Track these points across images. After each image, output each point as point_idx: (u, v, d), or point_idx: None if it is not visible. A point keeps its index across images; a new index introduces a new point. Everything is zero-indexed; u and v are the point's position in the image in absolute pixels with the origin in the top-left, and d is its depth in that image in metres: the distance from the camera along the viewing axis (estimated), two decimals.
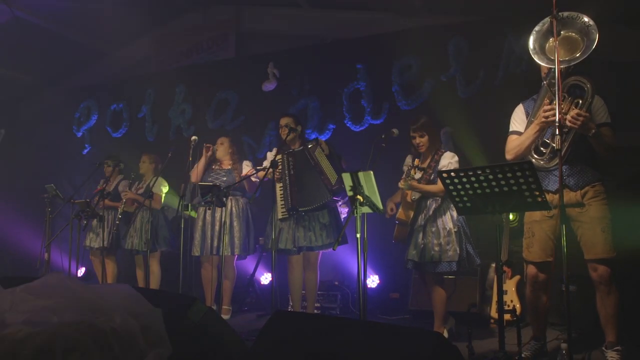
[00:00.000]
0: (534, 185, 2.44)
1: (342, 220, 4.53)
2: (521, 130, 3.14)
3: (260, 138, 6.32)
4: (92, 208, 5.14)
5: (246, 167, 4.98)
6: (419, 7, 5.73)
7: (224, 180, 4.84)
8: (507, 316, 3.83)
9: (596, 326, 3.21)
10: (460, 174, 2.55)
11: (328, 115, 6.02)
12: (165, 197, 5.47)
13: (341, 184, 4.05)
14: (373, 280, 5.27)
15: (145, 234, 5.22)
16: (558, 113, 2.60)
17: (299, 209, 4.21)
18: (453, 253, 3.60)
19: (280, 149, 4.42)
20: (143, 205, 5.17)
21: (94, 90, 7.77)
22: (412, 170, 3.55)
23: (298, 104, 6.16)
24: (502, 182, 2.46)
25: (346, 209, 5.00)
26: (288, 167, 4.30)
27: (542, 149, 3.02)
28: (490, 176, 2.47)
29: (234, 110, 6.57)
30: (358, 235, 2.97)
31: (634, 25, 4.56)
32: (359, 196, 2.98)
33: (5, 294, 1.73)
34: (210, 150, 4.93)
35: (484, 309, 4.39)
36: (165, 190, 5.44)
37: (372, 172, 3.04)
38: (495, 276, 2.60)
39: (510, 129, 3.24)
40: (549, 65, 2.81)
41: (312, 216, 4.25)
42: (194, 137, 4.75)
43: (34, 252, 6.44)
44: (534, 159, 3.01)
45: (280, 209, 4.26)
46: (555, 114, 2.62)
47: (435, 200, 3.74)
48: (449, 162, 3.69)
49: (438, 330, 3.74)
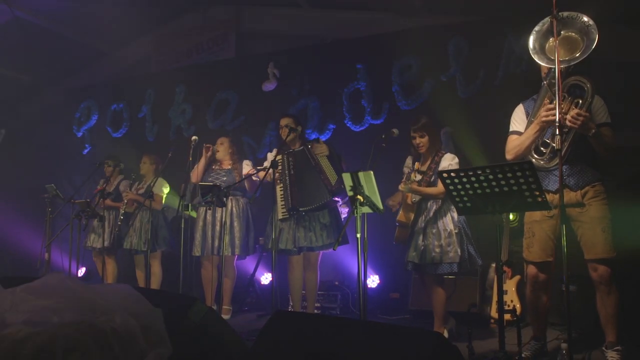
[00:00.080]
0: (534, 185, 2.44)
1: (343, 221, 4.53)
2: (521, 130, 3.14)
3: (261, 138, 6.32)
4: (93, 208, 5.14)
5: (246, 167, 4.98)
6: (419, 7, 5.73)
7: (224, 180, 4.84)
8: (507, 316, 3.83)
9: (596, 326, 3.21)
10: (460, 174, 2.55)
11: (328, 115, 6.02)
12: (166, 198, 5.47)
13: (341, 185, 4.05)
14: (373, 280, 5.27)
15: (145, 234, 5.23)
16: (558, 113, 2.60)
17: (300, 208, 4.21)
18: (454, 254, 3.61)
19: (281, 149, 4.42)
20: (143, 206, 5.17)
21: (94, 90, 7.77)
22: (413, 174, 3.55)
23: (298, 104, 6.16)
24: (502, 182, 2.46)
25: (346, 209, 5.00)
26: (288, 167, 4.31)
27: (542, 148, 3.02)
28: (490, 176, 2.47)
29: (234, 110, 6.57)
30: (358, 235, 2.98)
31: (634, 25, 4.56)
32: (359, 196, 2.99)
33: (5, 294, 1.73)
34: (210, 151, 4.92)
35: (484, 309, 4.39)
36: (166, 191, 5.45)
37: (372, 172, 3.04)
38: (496, 276, 2.60)
39: (510, 129, 3.24)
40: (549, 65, 2.81)
41: (313, 216, 4.25)
42: (194, 137, 4.75)
43: (34, 252, 6.44)
44: (534, 159, 3.01)
45: (281, 209, 4.26)
46: (555, 114, 2.62)
47: (436, 202, 3.74)
48: (449, 164, 3.69)
49: (438, 331, 3.74)
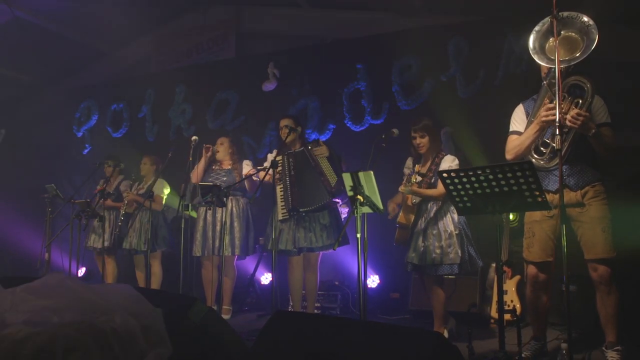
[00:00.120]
0: (534, 185, 2.44)
1: (343, 221, 4.53)
2: (521, 130, 3.14)
3: (261, 138, 6.32)
4: (93, 208, 5.14)
5: (246, 167, 4.98)
6: (419, 7, 5.73)
7: (224, 180, 4.84)
8: (507, 316, 3.83)
9: (596, 326, 3.21)
10: (461, 174, 2.55)
11: (328, 115, 6.02)
12: (167, 199, 5.48)
13: (341, 186, 4.05)
14: (373, 280, 5.27)
15: (145, 234, 5.22)
16: (558, 113, 2.60)
17: (300, 209, 4.21)
18: (454, 255, 3.61)
19: (281, 150, 4.42)
20: (143, 206, 5.17)
21: (94, 90, 7.77)
22: (413, 176, 3.55)
23: (298, 104, 6.16)
24: (502, 182, 2.46)
25: (347, 209, 5.00)
26: (289, 168, 4.30)
27: (542, 148, 3.02)
28: (490, 176, 2.46)
29: (234, 110, 6.57)
30: (358, 235, 2.98)
31: (634, 25, 4.56)
32: (359, 196, 2.99)
33: (5, 294, 1.73)
34: (210, 151, 4.92)
35: (484, 309, 4.39)
36: (167, 192, 5.45)
37: (372, 172, 3.04)
38: (496, 276, 2.60)
39: (510, 129, 3.24)
40: (549, 65, 2.81)
41: (313, 217, 4.25)
42: (194, 137, 4.75)
43: (34, 252, 6.44)
44: (534, 159, 3.00)
45: (281, 210, 4.25)
46: (555, 114, 2.62)
47: (436, 203, 3.73)
48: (449, 166, 3.67)
49: (438, 331, 3.74)
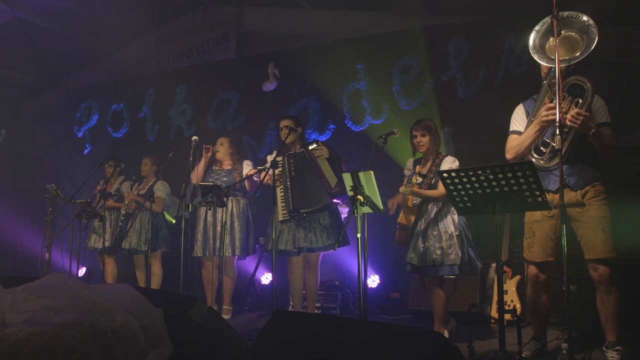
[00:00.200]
0: (535, 185, 2.44)
1: (343, 221, 4.52)
2: (521, 130, 3.14)
3: (261, 138, 6.32)
4: (93, 208, 5.15)
5: (246, 167, 4.98)
6: (419, 7, 5.73)
7: (225, 180, 4.84)
8: (508, 316, 3.83)
9: (596, 326, 3.21)
10: (461, 173, 2.55)
11: (328, 115, 6.02)
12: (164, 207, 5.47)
13: (341, 187, 4.05)
14: (373, 280, 5.27)
15: (145, 234, 5.23)
16: (558, 112, 2.60)
17: (301, 210, 4.20)
18: (455, 256, 3.60)
19: (281, 150, 4.41)
20: (143, 207, 5.17)
21: (94, 90, 7.78)
22: (414, 177, 3.56)
23: (298, 104, 6.16)
24: (503, 182, 2.46)
25: (347, 209, 5.00)
26: (289, 169, 4.29)
27: (543, 148, 3.02)
28: (490, 176, 2.47)
29: (234, 110, 6.58)
30: (358, 235, 2.98)
31: (634, 25, 4.56)
32: (359, 196, 2.98)
33: (6, 293, 1.73)
34: (210, 152, 4.92)
35: (484, 309, 4.39)
36: (167, 191, 5.44)
37: (373, 172, 3.04)
38: (496, 276, 2.60)
39: (511, 129, 3.24)
40: (549, 65, 2.82)
41: (313, 217, 4.25)
42: (194, 137, 4.75)
43: (34, 252, 6.44)
44: (534, 159, 3.01)
45: (281, 211, 4.25)
46: (555, 113, 2.62)
47: (437, 205, 3.74)
48: (449, 167, 3.68)
49: (438, 331, 3.75)
